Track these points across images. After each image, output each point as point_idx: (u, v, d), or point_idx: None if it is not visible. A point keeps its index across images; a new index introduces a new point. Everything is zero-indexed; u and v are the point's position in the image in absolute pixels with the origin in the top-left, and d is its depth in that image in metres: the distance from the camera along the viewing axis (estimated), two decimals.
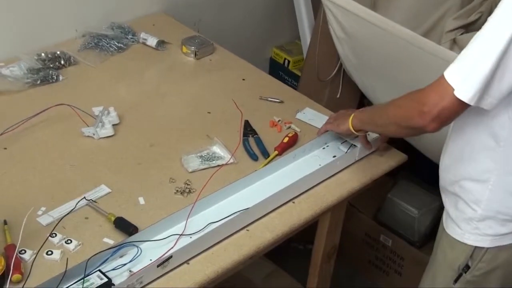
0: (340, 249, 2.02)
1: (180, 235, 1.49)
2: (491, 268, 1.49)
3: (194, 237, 1.49)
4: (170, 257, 1.42)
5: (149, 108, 1.94)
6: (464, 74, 1.26)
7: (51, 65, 2.03)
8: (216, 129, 1.86)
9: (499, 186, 1.42)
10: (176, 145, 1.79)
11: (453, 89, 1.27)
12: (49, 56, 2.05)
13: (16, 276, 1.34)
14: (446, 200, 1.55)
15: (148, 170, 1.69)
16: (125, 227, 1.50)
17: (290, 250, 2.59)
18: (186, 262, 1.46)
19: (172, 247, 1.45)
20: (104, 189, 1.62)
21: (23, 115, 1.77)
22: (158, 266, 1.40)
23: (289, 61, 2.92)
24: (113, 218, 1.52)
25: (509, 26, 1.21)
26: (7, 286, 1.31)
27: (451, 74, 1.29)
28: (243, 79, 2.11)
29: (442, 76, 1.30)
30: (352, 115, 1.66)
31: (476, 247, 1.48)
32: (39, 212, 1.53)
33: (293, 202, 1.65)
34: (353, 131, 1.67)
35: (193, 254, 1.48)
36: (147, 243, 1.46)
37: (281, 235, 1.57)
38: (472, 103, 1.27)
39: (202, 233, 1.50)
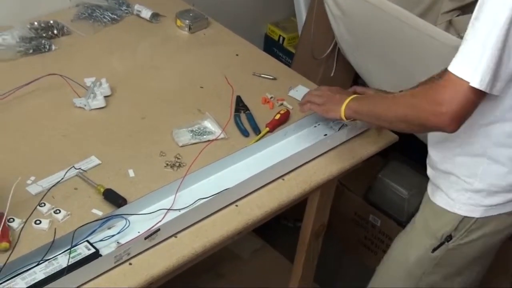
0: (329, 228, 2.03)
1: (169, 209, 1.49)
2: (474, 237, 1.52)
3: (183, 211, 1.49)
4: (158, 230, 1.42)
5: (142, 80, 1.93)
6: (474, 64, 1.24)
7: (44, 35, 2.01)
8: (208, 103, 1.85)
9: (493, 160, 1.44)
10: (167, 118, 1.78)
11: (467, 82, 1.25)
12: (42, 25, 2.03)
13: (4, 244, 1.35)
14: (435, 175, 1.56)
15: (138, 143, 1.69)
16: (114, 199, 1.50)
17: (279, 227, 2.60)
18: (174, 235, 1.47)
19: (160, 221, 1.45)
20: (94, 161, 1.61)
21: (14, 83, 1.76)
22: (145, 239, 1.40)
23: (284, 38, 2.90)
24: (102, 190, 1.52)
25: (506, 7, 1.20)
26: None
27: (459, 68, 1.26)
28: (237, 55, 2.10)
29: (449, 73, 1.28)
30: (346, 103, 1.57)
31: (465, 217, 1.50)
32: (28, 181, 1.53)
33: (283, 179, 1.65)
34: (345, 120, 1.61)
35: (181, 228, 1.48)
36: (135, 216, 1.47)
37: (269, 212, 1.58)
38: (489, 91, 1.26)
39: (190, 208, 1.50)
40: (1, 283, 1.27)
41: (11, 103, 1.74)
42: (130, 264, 1.39)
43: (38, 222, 1.43)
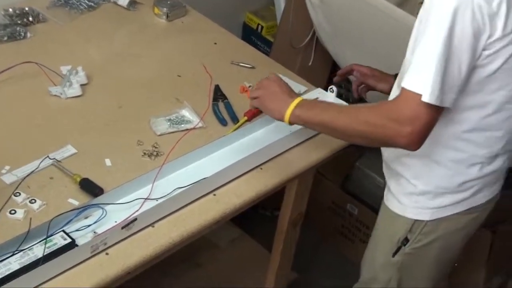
0: (307, 217, 2.03)
1: (146, 199, 1.48)
2: (430, 240, 1.52)
3: (160, 200, 1.48)
4: (135, 219, 1.41)
5: (119, 69, 1.91)
6: (424, 79, 1.23)
7: (19, 22, 1.98)
8: (186, 92, 1.84)
9: (437, 161, 1.44)
10: (145, 107, 1.77)
11: (420, 95, 1.24)
12: (17, 12, 2.00)
13: None
14: (388, 175, 1.57)
15: (115, 132, 1.68)
16: (90, 188, 1.49)
17: (256, 216, 2.60)
18: (151, 225, 1.46)
19: (137, 210, 1.44)
20: (70, 150, 1.60)
21: None
22: (122, 228, 1.40)
23: (262, 27, 2.89)
24: (78, 179, 1.50)
25: (444, 24, 1.21)
26: None
27: (412, 83, 1.25)
28: (215, 43, 2.08)
29: (404, 89, 1.26)
30: (293, 107, 1.44)
31: (416, 220, 1.50)
32: (3, 171, 1.51)
33: (261, 168, 1.65)
34: (289, 124, 1.48)
35: (158, 217, 1.47)
36: (112, 205, 1.45)
37: (248, 201, 1.57)
38: (439, 103, 1.25)
39: (168, 197, 1.49)
40: None
41: None
42: (107, 254, 1.38)
43: (13, 212, 1.41)
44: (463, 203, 1.49)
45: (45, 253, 1.31)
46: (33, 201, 1.45)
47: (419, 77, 1.25)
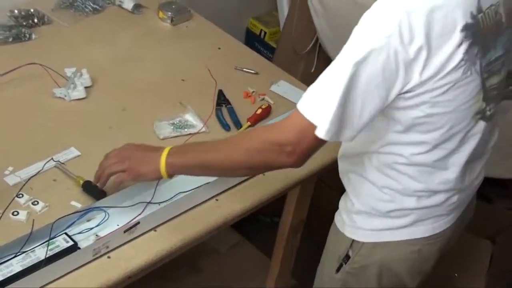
0: (307, 224, 2.03)
1: (148, 202, 1.48)
2: (367, 263, 1.45)
3: (162, 205, 1.48)
4: (138, 223, 1.41)
5: (123, 72, 1.91)
6: (325, 113, 1.18)
7: (24, 23, 1.99)
8: (190, 97, 1.84)
9: (374, 183, 1.39)
10: (148, 111, 1.77)
11: (315, 127, 1.19)
12: (22, 13, 2.00)
13: None
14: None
15: (119, 135, 1.67)
16: (93, 191, 1.49)
17: (256, 222, 2.59)
18: (154, 229, 1.46)
19: (139, 214, 1.44)
20: (73, 152, 1.60)
21: None
22: (125, 232, 1.40)
23: (265, 33, 2.89)
24: (81, 182, 1.50)
25: (356, 57, 1.16)
26: None
27: (310, 112, 1.20)
28: (219, 48, 2.09)
29: (298, 112, 1.21)
30: (164, 159, 1.35)
31: (353, 240, 1.45)
32: (6, 172, 1.51)
33: (263, 175, 1.64)
34: (167, 178, 1.38)
35: (161, 222, 1.47)
36: (115, 208, 1.45)
37: (250, 207, 1.57)
38: (335, 139, 1.21)
39: (170, 202, 1.49)
40: None
41: None
42: (109, 257, 1.38)
43: (15, 213, 1.41)
44: (400, 231, 1.41)
45: (47, 255, 1.30)
46: (36, 202, 1.45)
47: (319, 107, 1.19)
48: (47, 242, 1.33)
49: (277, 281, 2.12)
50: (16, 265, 1.28)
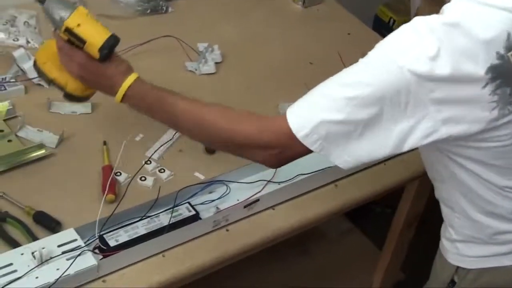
0: (423, 218, 1.99)
1: (269, 181, 1.50)
2: (474, 287, 1.38)
3: (282, 184, 1.50)
4: (257, 200, 1.44)
5: (252, 50, 1.94)
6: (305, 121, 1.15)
7: None
8: (317, 80, 1.80)
9: (464, 215, 1.31)
10: (274, 91, 1.79)
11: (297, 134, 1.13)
12: None
13: (110, 196, 1.39)
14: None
15: None
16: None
17: (367, 211, 2.57)
18: (272, 207, 1.48)
19: (259, 191, 1.47)
20: None
21: (130, 42, 1.79)
22: (245, 207, 1.42)
23: (394, 21, 2.84)
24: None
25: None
26: (101, 204, 1.36)
27: (299, 126, 1.14)
28: (349, 33, 2.07)
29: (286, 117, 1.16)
30: (127, 85, 1.32)
31: (458, 267, 1.38)
32: (137, 138, 1.57)
33: (385, 164, 1.63)
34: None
35: (279, 201, 1.49)
36: (236, 183, 1.48)
37: (369, 195, 1.57)
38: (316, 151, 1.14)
39: (290, 183, 1.50)
40: (106, 233, 1.31)
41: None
42: (227, 230, 1.41)
43: (143, 178, 1.47)
44: (508, 256, 1.33)
45: (170, 222, 1.35)
46: (162, 170, 1.50)
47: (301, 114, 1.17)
48: (171, 210, 1.38)
49: (386, 273, 2.09)
50: (141, 228, 1.34)
